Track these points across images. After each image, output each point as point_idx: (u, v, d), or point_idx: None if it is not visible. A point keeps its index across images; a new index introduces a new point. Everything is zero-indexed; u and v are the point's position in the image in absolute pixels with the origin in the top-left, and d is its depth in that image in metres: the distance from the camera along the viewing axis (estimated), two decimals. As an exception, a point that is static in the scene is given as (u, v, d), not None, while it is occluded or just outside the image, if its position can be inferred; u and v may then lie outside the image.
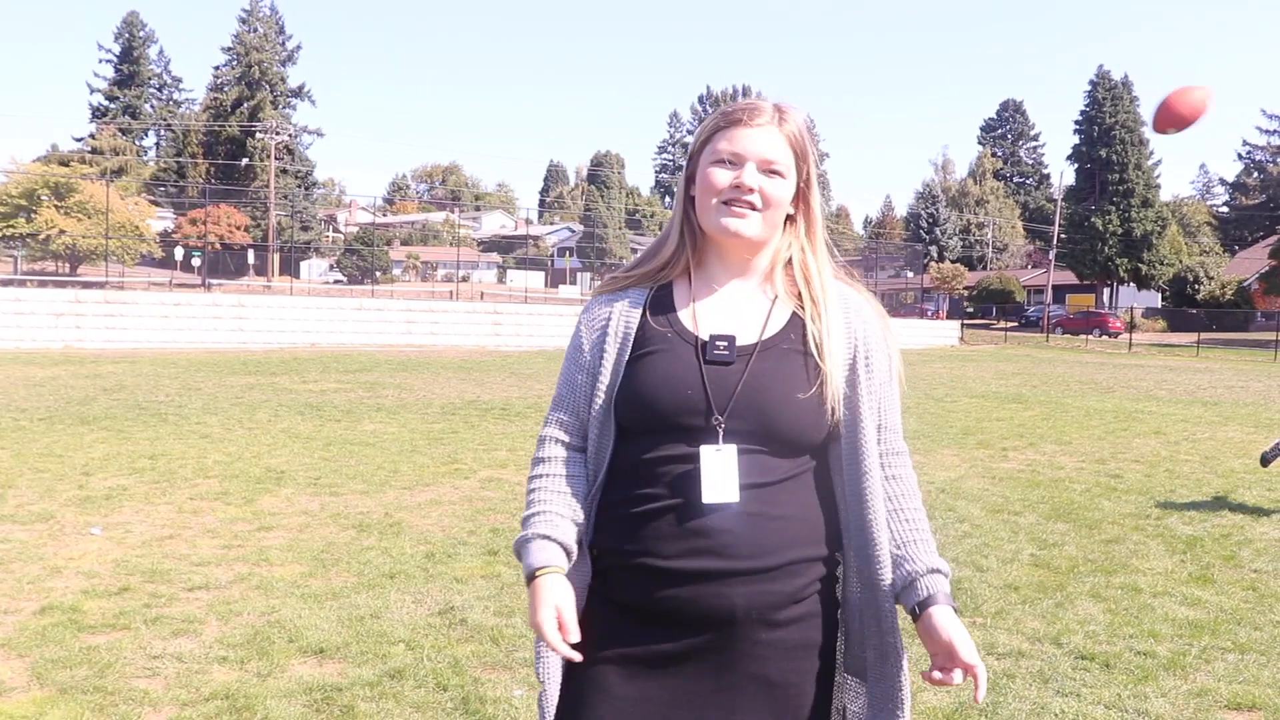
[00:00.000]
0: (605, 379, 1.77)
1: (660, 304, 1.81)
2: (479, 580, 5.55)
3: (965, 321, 57.70)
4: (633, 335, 1.77)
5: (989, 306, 69.46)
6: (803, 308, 1.78)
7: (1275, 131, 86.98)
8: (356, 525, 6.85)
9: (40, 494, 7.57)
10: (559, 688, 1.78)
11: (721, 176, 1.73)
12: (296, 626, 4.69)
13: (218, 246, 55.57)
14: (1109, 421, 14.66)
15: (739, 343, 1.73)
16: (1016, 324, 63.10)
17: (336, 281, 62.55)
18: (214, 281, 45.25)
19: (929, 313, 61.54)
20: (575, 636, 1.65)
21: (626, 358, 1.76)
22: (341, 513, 7.23)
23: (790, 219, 1.83)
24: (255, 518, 7.01)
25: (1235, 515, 7.80)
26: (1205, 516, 7.73)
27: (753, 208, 1.73)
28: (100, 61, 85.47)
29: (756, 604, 1.67)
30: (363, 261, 62.71)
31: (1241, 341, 50.55)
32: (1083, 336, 54.23)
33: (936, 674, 1.66)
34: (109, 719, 3.67)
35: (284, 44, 75.95)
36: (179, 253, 51.33)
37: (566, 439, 1.83)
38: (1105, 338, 54.09)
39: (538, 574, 1.69)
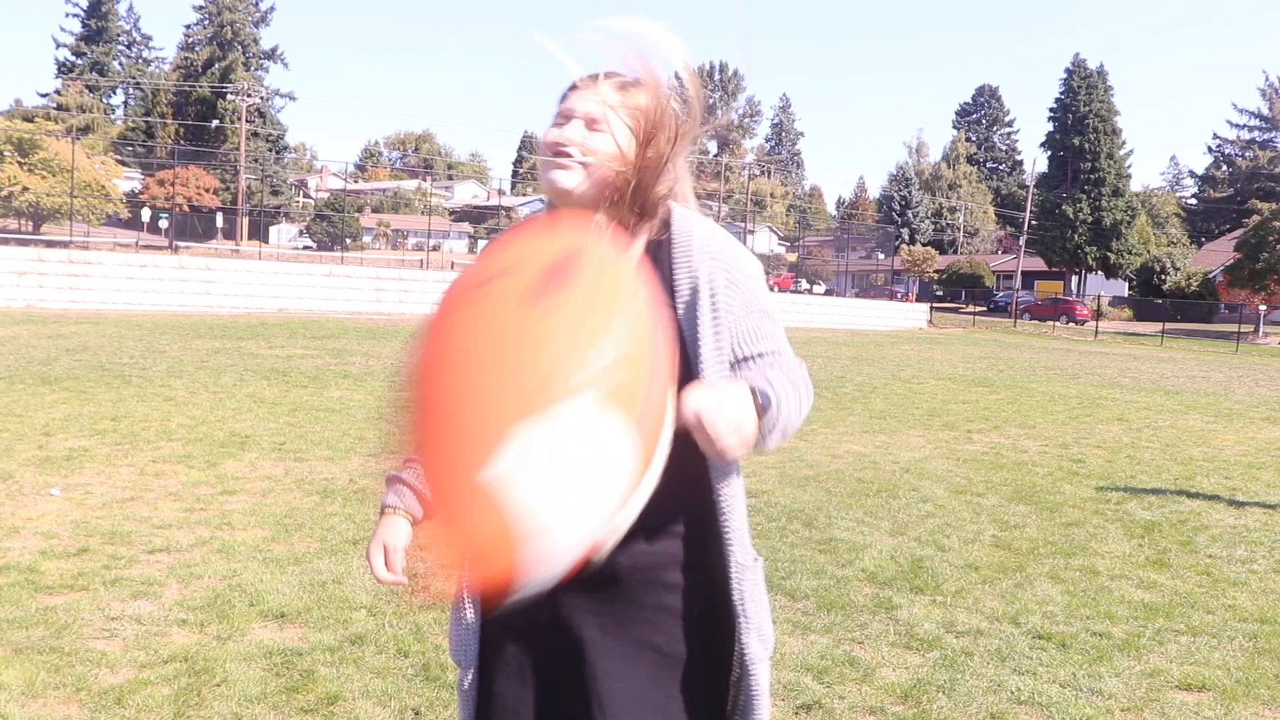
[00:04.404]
0: None
1: None
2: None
3: (934, 305, 58.05)
4: None
5: (958, 290, 69.96)
6: (656, 256, 1.74)
7: (1245, 126, 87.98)
8: (321, 491, 6.81)
9: (-1, 453, 7.47)
10: (475, 678, 1.78)
11: (550, 134, 1.74)
12: (258, 590, 4.67)
13: (186, 208, 54.82)
14: (1073, 407, 14.83)
15: None
16: (985, 309, 63.58)
17: (306, 247, 61.87)
18: (181, 244, 44.68)
19: (898, 295, 61.90)
20: (398, 573, 1.80)
21: None
22: (306, 478, 7.19)
23: None
24: (218, 481, 6.96)
25: (1193, 502, 7.92)
26: (1164, 502, 7.84)
27: (576, 160, 1.72)
28: (67, 16, 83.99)
29: (640, 564, 1.65)
30: (333, 228, 62.14)
31: (1205, 333, 51.27)
32: (1050, 323, 54.74)
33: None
34: (65, 679, 3.63)
35: (257, 5, 74.82)
36: (146, 214, 50.60)
37: None
38: (1072, 325, 54.62)
39: (383, 511, 1.83)
